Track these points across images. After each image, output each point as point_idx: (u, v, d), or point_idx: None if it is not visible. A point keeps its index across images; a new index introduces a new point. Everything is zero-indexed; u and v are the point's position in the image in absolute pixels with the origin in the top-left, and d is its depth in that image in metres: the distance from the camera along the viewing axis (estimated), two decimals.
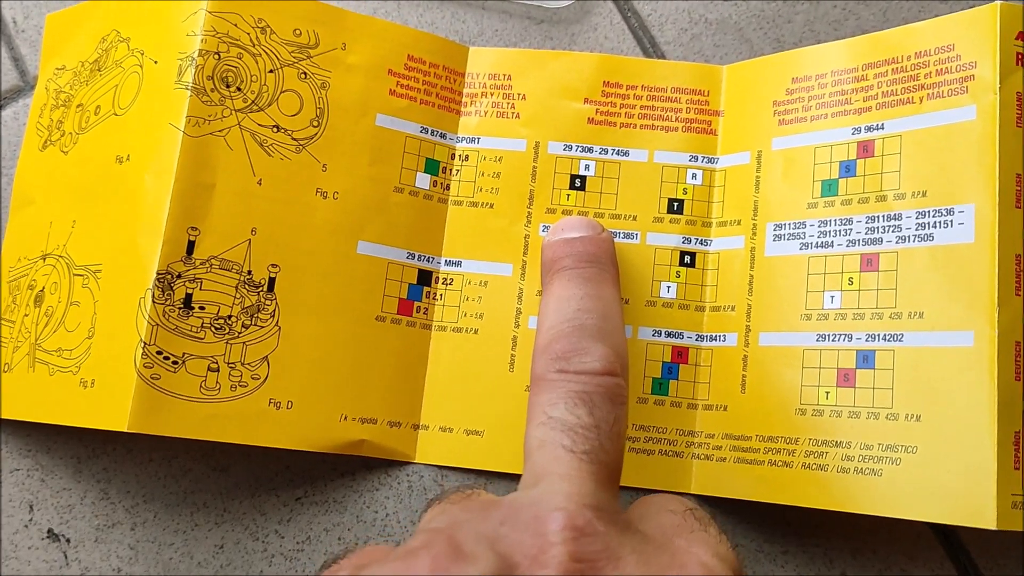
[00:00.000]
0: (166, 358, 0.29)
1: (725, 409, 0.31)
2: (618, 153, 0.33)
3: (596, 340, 0.25)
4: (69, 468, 0.33)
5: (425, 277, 0.33)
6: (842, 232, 0.30)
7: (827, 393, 0.29)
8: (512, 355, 0.32)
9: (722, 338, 0.31)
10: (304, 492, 0.32)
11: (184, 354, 0.30)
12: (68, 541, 0.32)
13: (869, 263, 0.29)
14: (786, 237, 0.31)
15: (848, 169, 0.30)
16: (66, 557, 0.32)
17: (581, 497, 0.21)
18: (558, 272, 0.28)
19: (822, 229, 0.30)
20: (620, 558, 0.20)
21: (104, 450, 0.33)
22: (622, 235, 0.32)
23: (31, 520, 0.32)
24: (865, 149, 0.30)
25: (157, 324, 0.29)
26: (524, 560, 0.19)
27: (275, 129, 0.32)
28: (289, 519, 0.32)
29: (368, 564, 0.21)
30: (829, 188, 0.30)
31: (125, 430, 0.28)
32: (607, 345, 0.25)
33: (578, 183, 0.33)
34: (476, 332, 0.33)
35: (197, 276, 0.30)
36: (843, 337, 0.29)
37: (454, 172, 0.34)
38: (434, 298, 0.33)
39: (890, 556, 0.31)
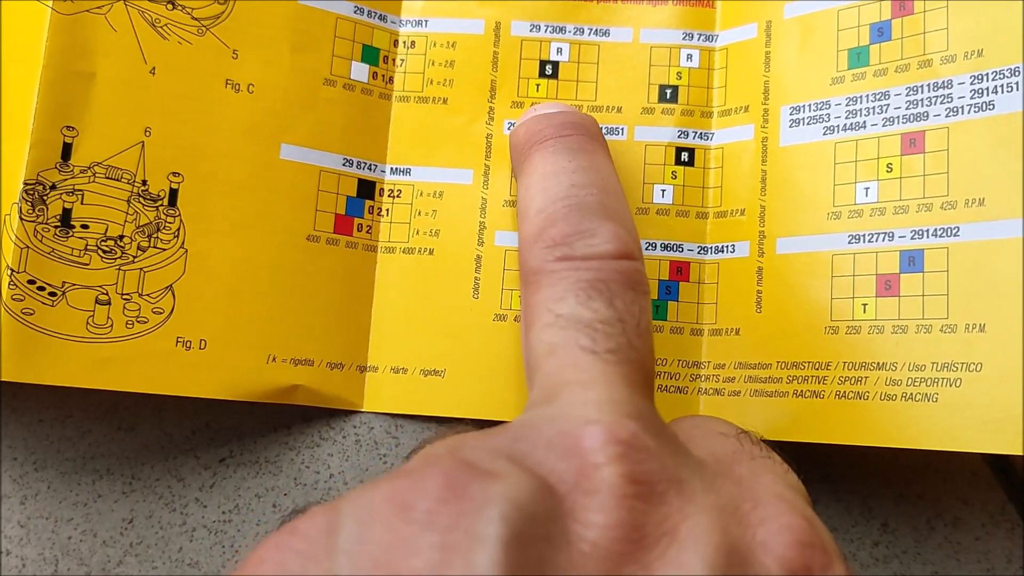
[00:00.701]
0: (40, 288, 0.24)
1: (737, 333, 0.26)
2: (596, 33, 0.28)
3: (601, 218, 0.21)
4: None
5: (367, 189, 0.28)
6: (876, 109, 0.25)
7: (864, 306, 0.25)
8: (476, 279, 0.27)
9: (730, 248, 0.27)
10: (229, 452, 0.28)
11: (64, 283, 0.24)
12: None
13: (912, 144, 0.25)
14: (806, 121, 0.26)
15: (881, 32, 0.26)
16: None
17: (617, 406, 0.17)
18: (537, 146, 0.24)
19: (851, 108, 0.26)
20: (682, 481, 0.17)
21: None
22: (606, 131, 0.28)
23: None
24: (902, 7, 0.26)
25: (27, 246, 0.24)
26: (561, 485, 0.16)
27: (170, 6, 0.26)
28: (212, 485, 0.28)
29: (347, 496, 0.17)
30: (858, 57, 0.26)
31: None
32: (615, 222, 0.21)
33: (549, 70, 0.28)
34: (431, 253, 0.28)
35: (77, 187, 0.25)
36: (882, 236, 0.25)
37: (398, 62, 0.29)
38: (379, 214, 0.28)
39: (940, 501, 0.28)
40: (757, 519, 0.17)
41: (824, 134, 0.26)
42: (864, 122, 0.26)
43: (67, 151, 0.25)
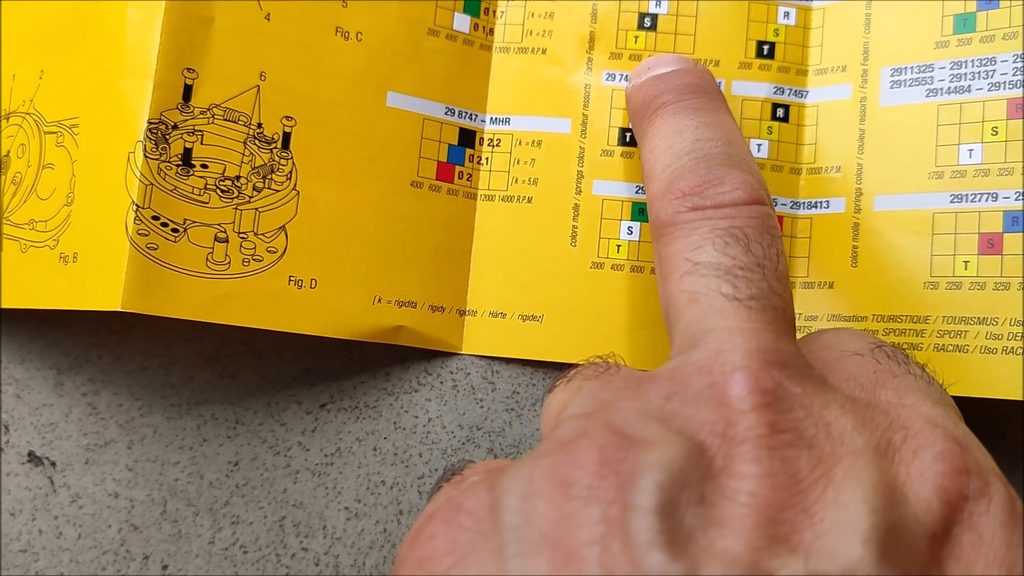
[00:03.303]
0: (164, 224, 0.25)
1: (831, 287, 0.27)
2: None
3: (728, 167, 0.21)
4: (48, 381, 0.28)
5: (468, 137, 0.28)
6: (982, 75, 0.25)
7: (966, 263, 0.25)
8: (573, 227, 0.28)
9: (824, 204, 0.27)
10: (330, 398, 0.28)
11: (185, 220, 0.25)
12: (54, 464, 0.28)
13: (1019, 109, 0.25)
14: (907, 83, 0.26)
15: None
16: (52, 483, 0.28)
17: (762, 353, 0.17)
18: (658, 110, 0.24)
19: (955, 72, 0.26)
20: (830, 423, 0.16)
21: (88, 358, 0.28)
22: None
23: (7, 442, 0.28)
24: None
25: (151, 183, 0.24)
26: (711, 439, 0.16)
27: None
28: (314, 429, 0.28)
29: (502, 468, 0.17)
30: (964, 23, 0.26)
31: (119, 309, 0.24)
32: (743, 170, 0.21)
33: (648, 22, 0.28)
34: (530, 201, 0.28)
35: (197, 128, 0.25)
36: (986, 197, 0.25)
37: (498, 14, 0.29)
38: (479, 162, 0.28)
39: None
40: (910, 451, 0.17)
41: (927, 96, 0.26)
42: (969, 86, 0.25)
43: (188, 93, 0.25)
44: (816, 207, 0.27)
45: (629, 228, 0.27)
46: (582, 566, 0.14)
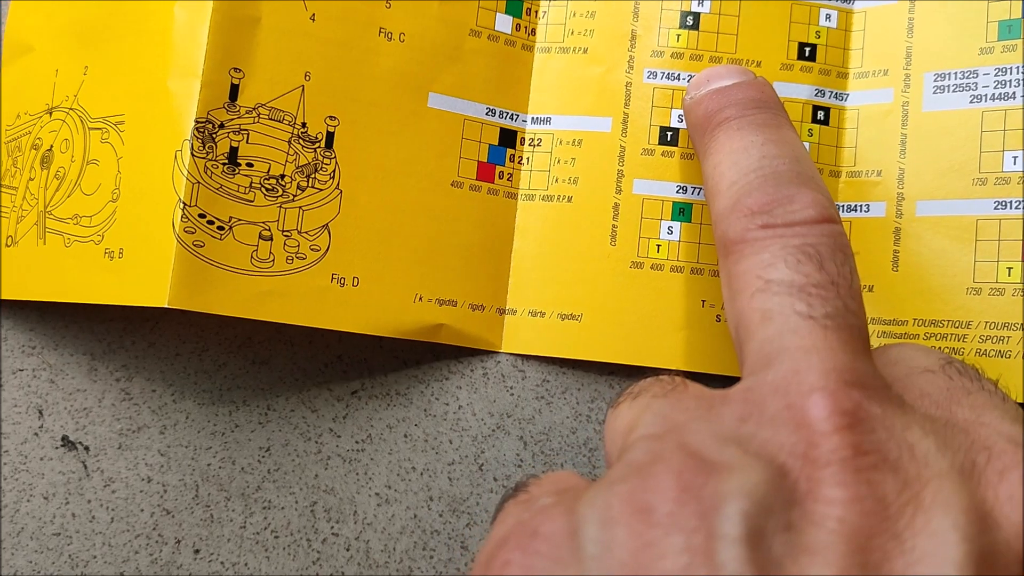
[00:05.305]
0: (210, 222, 0.25)
1: (871, 290, 0.27)
2: None
3: (797, 184, 0.20)
4: (82, 367, 0.29)
5: (508, 138, 0.28)
6: None
7: (1009, 269, 0.25)
8: (613, 226, 0.28)
9: (864, 208, 0.27)
10: (361, 385, 0.29)
11: (231, 218, 0.25)
12: (87, 449, 0.28)
13: None
14: (951, 89, 0.26)
15: None
16: (86, 467, 0.28)
17: (840, 373, 0.17)
18: (721, 125, 0.23)
19: (1000, 79, 0.26)
20: (913, 445, 0.16)
21: (121, 344, 0.29)
22: None
23: (42, 427, 0.28)
24: None
25: (198, 182, 0.25)
26: (792, 460, 0.15)
27: None
28: (345, 416, 0.28)
29: (573, 489, 0.17)
30: (1009, 30, 0.26)
31: (165, 306, 0.24)
32: (811, 188, 0.20)
33: (690, 21, 0.28)
34: (570, 200, 0.28)
35: (243, 127, 0.25)
36: None
37: (540, 14, 0.29)
38: (519, 162, 0.29)
39: None
40: (995, 473, 0.16)
41: (971, 102, 0.26)
42: (1014, 93, 0.25)
43: (234, 92, 0.25)
44: (855, 210, 0.27)
45: (669, 228, 0.27)
46: None
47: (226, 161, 0.25)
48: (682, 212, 0.27)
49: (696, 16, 0.28)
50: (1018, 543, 0.15)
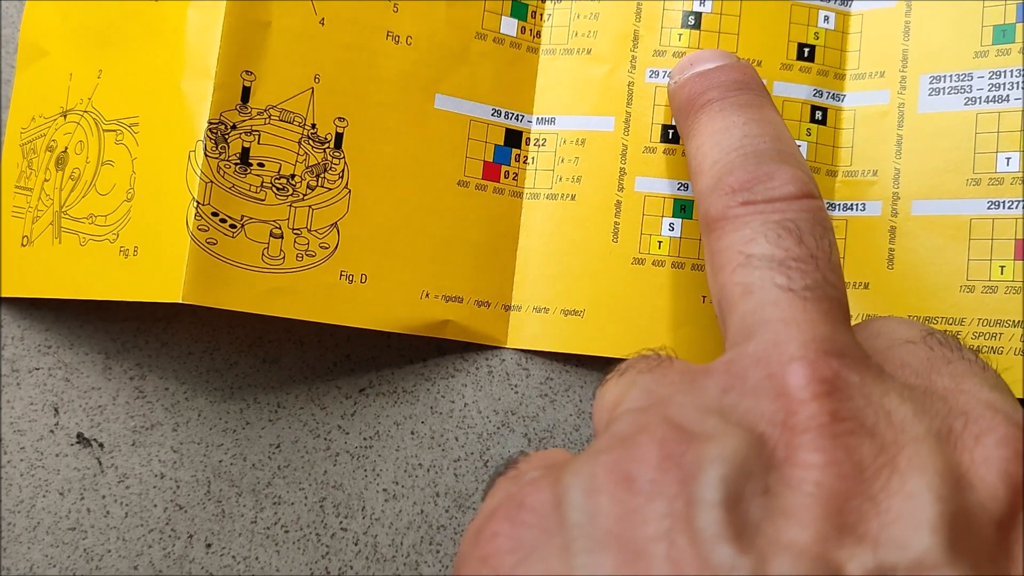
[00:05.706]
0: (223, 220, 0.25)
1: (866, 287, 0.27)
2: None
3: (777, 162, 0.21)
4: (97, 365, 0.29)
5: (514, 138, 0.29)
6: (1021, 84, 0.26)
7: (1002, 268, 0.25)
8: (616, 223, 0.28)
9: (860, 207, 0.28)
10: (369, 383, 0.29)
11: (243, 217, 0.26)
12: (101, 446, 0.29)
13: None
14: (946, 91, 0.27)
15: None
16: (100, 464, 0.28)
17: (819, 343, 0.17)
18: (703, 107, 0.24)
19: (994, 81, 0.26)
20: (890, 411, 0.16)
21: (135, 343, 0.29)
22: None
23: (57, 424, 0.29)
24: None
25: (211, 181, 0.25)
26: (770, 429, 0.16)
27: None
28: (353, 413, 0.29)
29: (560, 463, 0.17)
30: (1003, 34, 0.26)
31: (179, 301, 0.25)
32: (791, 165, 0.21)
33: (692, 20, 0.29)
34: (573, 198, 0.29)
35: (255, 128, 0.26)
36: (1023, 204, 0.25)
37: (545, 16, 0.30)
38: (524, 162, 0.29)
39: None
40: (971, 437, 0.16)
41: (965, 104, 0.26)
42: (1007, 96, 0.26)
43: (246, 94, 0.26)
44: (851, 209, 0.28)
45: (671, 224, 0.28)
46: (650, 563, 0.14)
47: (238, 161, 0.26)
48: (683, 209, 0.28)
49: (698, 16, 0.29)
50: (993, 504, 0.16)
